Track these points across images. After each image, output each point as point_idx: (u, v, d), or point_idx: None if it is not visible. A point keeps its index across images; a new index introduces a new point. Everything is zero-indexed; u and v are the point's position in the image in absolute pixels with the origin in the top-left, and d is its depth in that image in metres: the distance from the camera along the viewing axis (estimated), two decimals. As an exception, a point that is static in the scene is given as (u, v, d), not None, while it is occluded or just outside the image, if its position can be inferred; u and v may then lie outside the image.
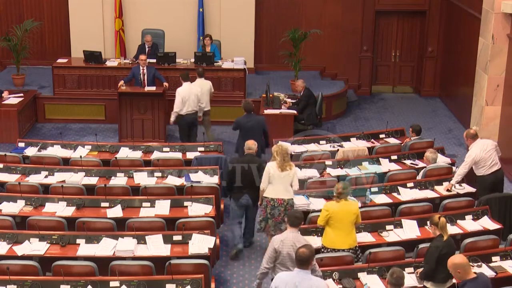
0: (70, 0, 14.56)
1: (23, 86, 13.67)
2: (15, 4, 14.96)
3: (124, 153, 10.05)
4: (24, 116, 12.64)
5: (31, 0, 14.96)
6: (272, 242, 6.72)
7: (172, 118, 11.29)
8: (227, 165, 9.02)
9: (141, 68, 12.22)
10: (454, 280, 6.64)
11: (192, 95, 11.20)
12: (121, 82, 12.14)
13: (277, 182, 8.19)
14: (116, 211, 8.21)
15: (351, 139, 10.81)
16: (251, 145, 8.79)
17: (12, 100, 12.56)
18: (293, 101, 12.52)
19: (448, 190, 8.89)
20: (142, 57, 12.30)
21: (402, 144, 10.52)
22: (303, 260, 5.78)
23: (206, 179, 9.15)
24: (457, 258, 6.11)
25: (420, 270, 6.84)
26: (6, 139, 11.99)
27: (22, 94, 12.87)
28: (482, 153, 8.95)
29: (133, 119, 12.02)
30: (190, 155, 10.01)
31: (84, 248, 7.35)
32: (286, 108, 12.11)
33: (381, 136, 10.93)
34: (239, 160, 8.81)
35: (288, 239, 6.65)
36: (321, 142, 10.66)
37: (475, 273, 6.15)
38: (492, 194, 8.75)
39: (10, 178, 9.11)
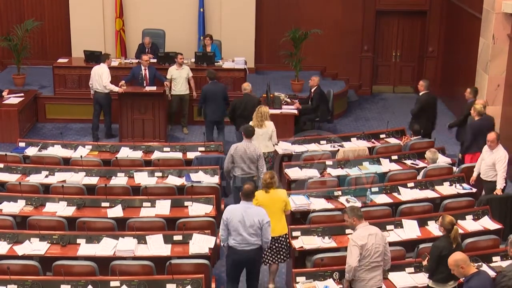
0: (71, 0, 14.56)
1: (23, 86, 13.68)
2: (16, 4, 14.96)
3: (125, 153, 10.05)
4: (25, 116, 12.64)
5: (31, 0, 14.97)
6: (230, 150, 8.96)
7: None
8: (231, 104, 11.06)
9: (143, 68, 12.23)
10: (455, 283, 6.64)
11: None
12: (122, 82, 12.13)
13: (256, 138, 9.50)
14: (117, 211, 8.21)
15: (352, 139, 10.81)
16: (246, 86, 11.12)
17: (13, 100, 12.57)
18: (295, 100, 12.55)
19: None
20: (145, 57, 12.31)
21: (403, 144, 10.52)
22: (248, 194, 7.18)
23: (206, 179, 9.15)
24: (458, 255, 6.19)
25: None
26: (6, 139, 12.00)
27: (22, 94, 12.88)
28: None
29: (134, 119, 12.02)
30: (191, 155, 10.01)
31: (85, 248, 7.35)
32: (295, 108, 12.11)
33: (382, 136, 10.93)
34: (239, 99, 11.02)
35: (241, 145, 8.93)
36: (321, 142, 10.66)
37: (476, 268, 6.20)
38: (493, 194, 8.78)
39: (11, 178, 9.11)
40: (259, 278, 7.53)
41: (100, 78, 11.93)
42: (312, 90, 12.21)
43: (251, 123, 9.66)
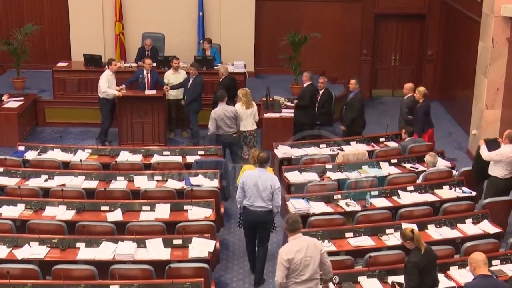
0: (71, 3, 14.58)
1: (23, 90, 13.67)
2: (16, 8, 14.97)
3: (124, 156, 10.05)
4: (24, 120, 12.63)
5: (31, 3, 14.98)
6: (211, 115, 10.46)
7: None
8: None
9: (145, 72, 12.24)
10: None
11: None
12: (122, 86, 12.13)
13: (245, 118, 10.75)
14: (116, 215, 8.21)
15: (351, 142, 10.82)
16: (222, 70, 12.16)
17: (12, 103, 12.56)
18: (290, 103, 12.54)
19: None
20: (148, 61, 12.29)
21: (398, 145, 10.53)
22: (263, 161, 8.03)
23: (206, 182, 9.15)
24: (475, 254, 6.26)
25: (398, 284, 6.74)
26: (6, 143, 11.97)
27: (22, 98, 12.88)
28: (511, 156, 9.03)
29: (133, 123, 12.02)
30: (190, 158, 10.01)
31: (84, 252, 7.35)
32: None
33: (381, 139, 10.94)
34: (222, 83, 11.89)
35: (219, 110, 10.48)
36: (321, 145, 10.66)
37: (491, 273, 6.22)
38: (495, 198, 8.79)
39: (10, 181, 9.11)
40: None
41: (98, 86, 11.90)
42: (321, 92, 12.17)
43: (239, 103, 10.74)
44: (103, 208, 8.34)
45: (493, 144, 9.17)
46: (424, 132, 10.91)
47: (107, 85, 11.84)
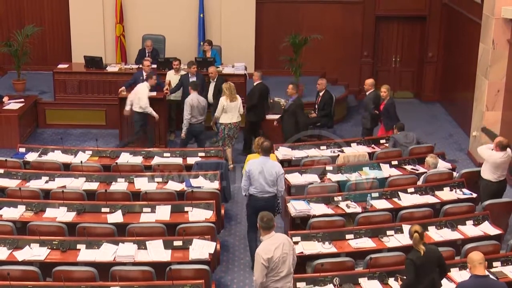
0: (71, 5, 14.58)
1: (24, 92, 13.67)
2: (16, 9, 14.98)
3: (125, 158, 10.05)
4: (25, 122, 12.65)
5: (32, 5, 14.99)
6: (186, 103, 11.05)
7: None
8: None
9: (144, 74, 12.24)
10: None
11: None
12: (122, 88, 12.14)
13: (230, 111, 11.14)
14: (117, 217, 8.21)
15: (352, 144, 10.82)
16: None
17: (13, 105, 12.57)
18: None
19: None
20: (146, 62, 12.30)
21: (390, 138, 10.65)
22: (267, 149, 8.39)
23: (206, 184, 9.15)
24: (472, 254, 6.31)
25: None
26: (6, 145, 11.99)
27: (23, 100, 12.89)
28: (502, 161, 9.05)
29: (134, 124, 12.01)
30: (191, 160, 10.02)
31: (85, 254, 7.35)
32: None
33: (382, 141, 10.93)
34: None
35: (195, 98, 11.04)
36: (321, 147, 10.66)
37: (489, 273, 6.26)
38: (496, 199, 8.79)
39: (11, 183, 9.11)
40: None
41: (139, 99, 11.59)
42: (321, 93, 12.17)
43: (224, 98, 11.12)
44: (103, 209, 8.34)
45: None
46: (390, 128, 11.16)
47: (149, 102, 11.61)
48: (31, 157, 10.03)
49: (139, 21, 14.66)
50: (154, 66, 13.06)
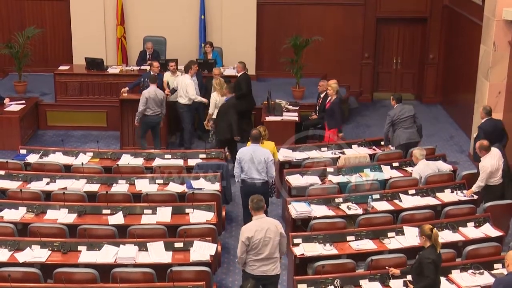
0: (72, 7, 14.59)
1: (25, 93, 13.69)
2: (17, 11, 14.99)
3: (126, 160, 10.06)
4: (26, 123, 12.66)
5: (33, 7, 15.01)
6: (142, 96, 11.27)
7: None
8: None
9: (152, 74, 12.24)
10: None
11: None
12: (125, 89, 12.14)
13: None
14: (118, 218, 8.22)
15: (353, 146, 10.81)
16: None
17: (14, 107, 12.59)
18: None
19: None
20: (156, 63, 12.22)
21: (388, 113, 10.65)
22: (256, 137, 8.89)
23: (207, 186, 9.16)
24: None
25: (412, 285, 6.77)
26: (8, 146, 12.00)
27: (24, 101, 12.90)
28: (495, 164, 9.03)
29: (135, 126, 12.02)
30: (192, 162, 10.01)
31: (86, 255, 7.36)
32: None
33: (383, 143, 10.92)
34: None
35: (152, 90, 11.30)
36: (322, 148, 10.66)
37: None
38: (497, 201, 8.79)
39: (12, 185, 9.12)
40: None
41: (186, 91, 11.89)
42: (321, 95, 12.15)
43: (215, 93, 11.46)
44: (104, 211, 8.34)
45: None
46: (338, 127, 11.31)
47: (196, 92, 11.99)
48: (32, 158, 10.03)
49: (140, 22, 14.68)
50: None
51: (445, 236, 7.93)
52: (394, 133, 10.51)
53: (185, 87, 11.87)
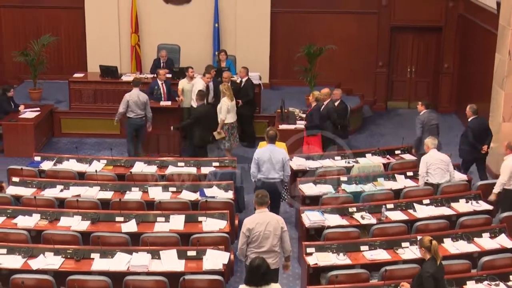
0: (87, 15, 14.69)
1: (39, 101, 13.78)
2: (33, 19, 15.10)
3: (139, 167, 10.07)
4: (41, 130, 12.73)
5: (48, 15, 15.11)
6: (124, 98, 11.55)
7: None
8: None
9: (159, 82, 12.30)
10: None
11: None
12: None
13: (232, 110, 11.62)
14: (131, 226, 8.22)
15: (367, 155, 10.77)
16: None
17: (29, 114, 12.67)
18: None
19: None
20: (162, 71, 12.36)
21: (418, 117, 10.80)
22: (272, 137, 9.09)
23: (220, 194, 9.15)
24: None
25: None
26: (22, 153, 12.04)
27: (38, 109, 12.98)
28: None
29: (148, 134, 12.05)
30: (205, 170, 10.01)
31: (99, 263, 7.36)
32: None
33: (397, 152, 10.87)
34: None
35: (134, 93, 11.55)
36: (336, 157, 10.62)
37: None
38: None
39: (26, 192, 9.16)
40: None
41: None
42: (336, 104, 12.12)
43: (225, 98, 11.46)
44: (117, 219, 8.35)
45: None
46: (316, 135, 11.32)
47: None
48: (46, 165, 10.08)
49: (154, 30, 14.74)
50: (169, 75, 13.10)
51: (460, 246, 7.87)
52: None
53: (195, 91, 11.93)
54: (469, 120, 10.72)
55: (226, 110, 11.49)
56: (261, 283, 6.03)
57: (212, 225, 8.27)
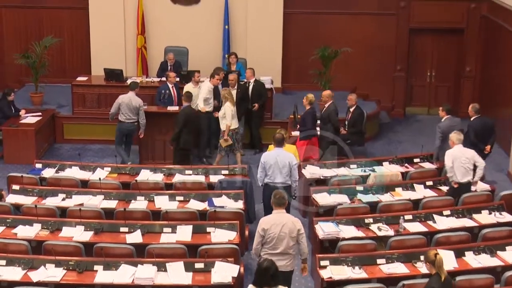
0: (91, 15, 14.77)
1: (41, 105, 13.85)
2: (35, 20, 15.20)
3: (145, 175, 10.10)
4: (42, 136, 12.79)
5: (51, 16, 15.21)
6: (117, 100, 11.83)
7: None
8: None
9: (170, 85, 12.36)
10: None
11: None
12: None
13: (235, 116, 11.81)
14: (136, 237, 8.24)
15: (384, 163, 10.75)
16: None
17: (30, 119, 12.73)
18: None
19: None
20: (172, 74, 12.44)
21: (438, 126, 10.77)
22: (280, 141, 9.20)
23: (230, 204, 9.16)
24: None
25: None
26: (23, 160, 12.11)
27: (40, 113, 13.05)
28: None
29: (155, 140, 12.10)
30: (214, 178, 10.03)
31: (102, 275, 7.38)
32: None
33: (416, 160, 10.84)
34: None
35: (126, 97, 11.80)
36: (351, 166, 10.61)
37: None
38: None
39: (26, 200, 9.21)
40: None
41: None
42: (351, 109, 12.12)
43: (228, 103, 11.56)
44: (122, 229, 8.38)
45: None
46: (309, 139, 11.49)
47: (204, 98, 12.15)
48: (48, 173, 10.13)
49: (161, 32, 14.79)
50: (177, 79, 13.14)
51: (482, 260, 7.83)
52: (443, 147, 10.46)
53: (201, 97, 12.05)
54: (471, 119, 10.91)
55: (231, 116, 11.58)
56: (269, 285, 6.17)
57: (221, 236, 8.27)
